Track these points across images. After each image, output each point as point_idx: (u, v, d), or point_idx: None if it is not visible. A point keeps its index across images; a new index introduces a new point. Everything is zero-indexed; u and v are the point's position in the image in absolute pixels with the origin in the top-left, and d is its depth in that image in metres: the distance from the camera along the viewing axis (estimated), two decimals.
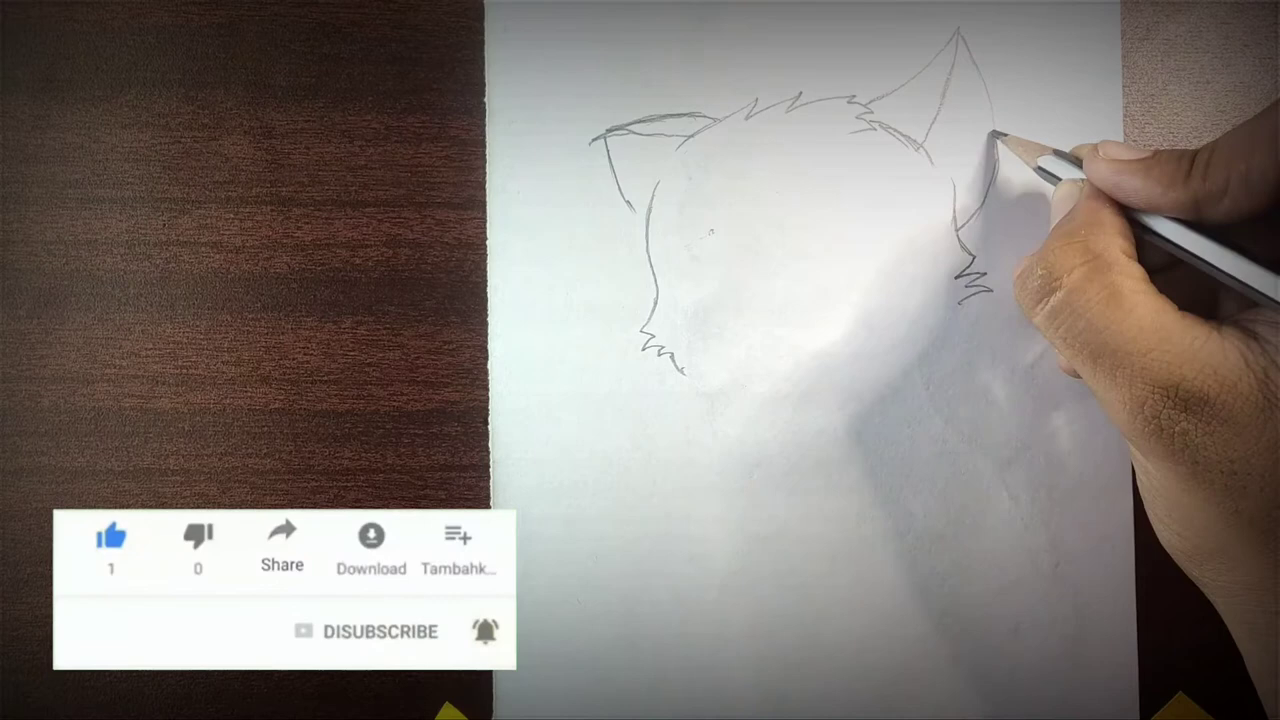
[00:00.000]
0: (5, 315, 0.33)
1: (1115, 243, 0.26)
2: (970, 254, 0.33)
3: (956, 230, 0.33)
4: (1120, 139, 0.33)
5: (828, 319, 0.33)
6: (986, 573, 0.33)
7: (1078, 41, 0.33)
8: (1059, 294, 0.26)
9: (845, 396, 0.33)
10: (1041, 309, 0.26)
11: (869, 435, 0.33)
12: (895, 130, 0.33)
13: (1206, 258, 0.25)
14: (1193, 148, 0.26)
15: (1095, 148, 0.27)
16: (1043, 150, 0.30)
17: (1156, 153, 0.26)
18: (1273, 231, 0.24)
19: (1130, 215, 0.27)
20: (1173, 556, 0.27)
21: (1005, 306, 0.33)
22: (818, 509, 0.33)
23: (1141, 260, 0.26)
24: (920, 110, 0.33)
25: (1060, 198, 0.29)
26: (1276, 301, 0.24)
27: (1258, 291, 0.24)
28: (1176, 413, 0.23)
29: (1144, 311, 0.24)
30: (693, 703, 0.33)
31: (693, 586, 0.33)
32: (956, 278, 0.33)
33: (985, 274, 0.33)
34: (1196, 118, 0.34)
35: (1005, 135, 0.32)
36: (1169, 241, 0.26)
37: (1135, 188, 0.26)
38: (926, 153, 0.33)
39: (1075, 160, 0.29)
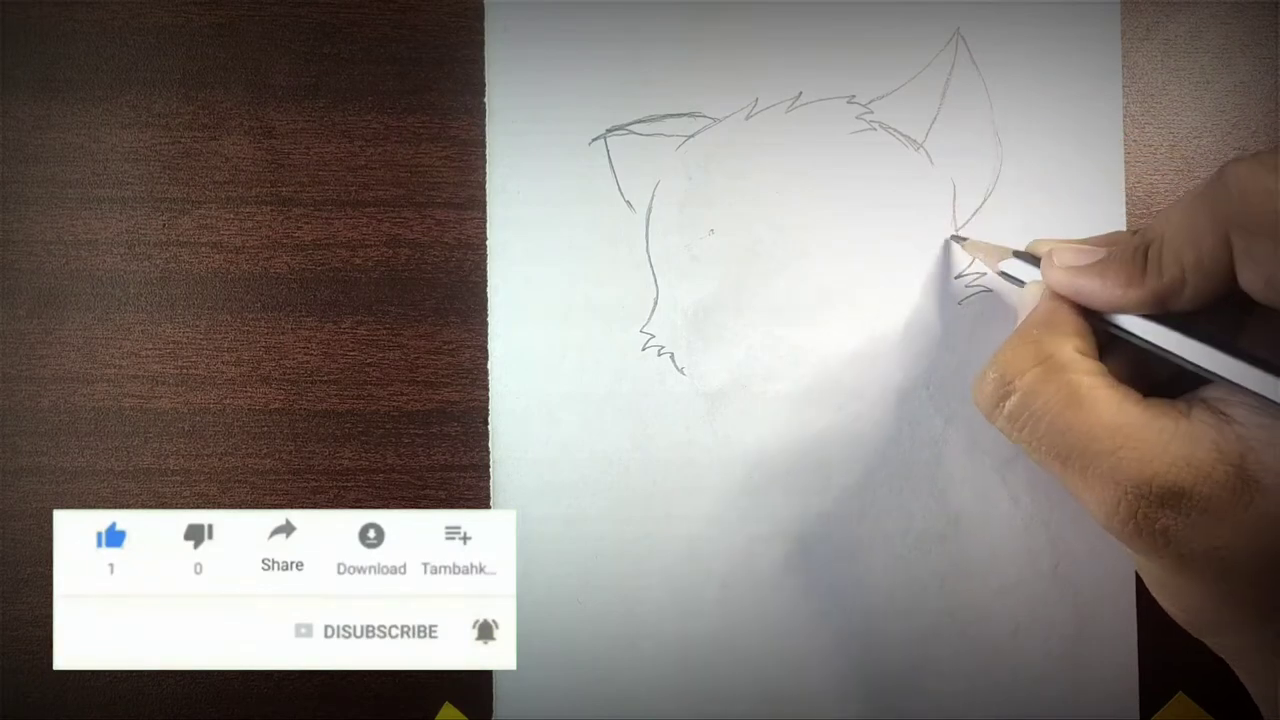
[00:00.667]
0: (5, 315, 0.33)
1: (1070, 342, 0.25)
2: (971, 254, 0.33)
3: (957, 230, 0.33)
4: (1120, 139, 0.33)
5: (828, 319, 0.33)
6: (986, 573, 0.33)
7: (1078, 41, 0.33)
8: (1014, 397, 0.25)
9: (845, 396, 0.33)
10: (999, 413, 0.26)
11: (869, 435, 0.33)
12: (895, 130, 0.33)
13: (1176, 351, 0.24)
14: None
15: (1050, 252, 0.27)
16: (1003, 254, 0.30)
17: (1109, 252, 0.25)
18: (1239, 311, 0.24)
19: (1094, 315, 0.26)
20: (1177, 622, 0.26)
21: (1005, 307, 0.33)
22: (818, 509, 0.33)
23: (1110, 349, 0.26)
24: (920, 110, 0.33)
25: (1025, 302, 0.28)
26: (1247, 390, 0.23)
27: (1229, 381, 0.23)
28: (1154, 509, 0.23)
29: (1105, 408, 0.24)
30: (693, 703, 0.33)
31: (693, 586, 0.33)
32: (956, 278, 0.33)
33: (985, 274, 0.33)
34: (1196, 118, 0.34)
35: (965, 240, 0.32)
36: (1137, 337, 0.25)
37: (1094, 291, 0.25)
38: (926, 153, 0.33)
39: (1036, 260, 0.28)
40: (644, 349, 0.33)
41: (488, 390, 0.33)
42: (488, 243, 0.33)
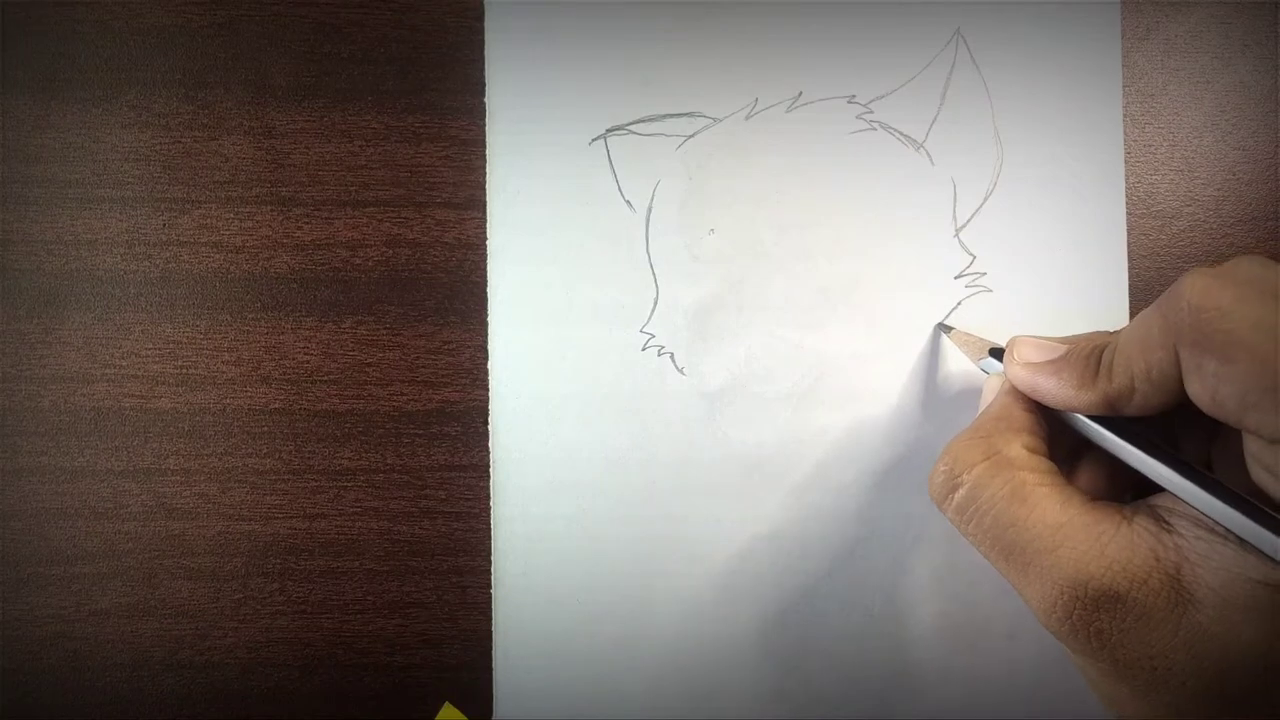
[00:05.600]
0: (5, 315, 0.33)
1: (1019, 439, 0.26)
2: (970, 254, 0.33)
3: (957, 230, 0.33)
4: (1120, 139, 0.33)
5: (828, 319, 0.33)
6: (985, 574, 0.33)
7: (1078, 41, 0.33)
8: (962, 490, 0.26)
9: (845, 396, 0.33)
10: (949, 504, 0.26)
11: (869, 435, 0.33)
12: (895, 130, 0.33)
13: (1120, 456, 0.25)
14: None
15: (1011, 345, 0.27)
16: (983, 350, 0.30)
17: (1068, 351, 0.26)
18: (1190, 421, 0.24)
19: (1051, 411, 0.27)
20: None
21: (1005, 307, 0.33)
22: (817, 509, 0.33)
23: (1062, 446, 0.27)
24: (920, 110, 0.33)
25: (988, 391, 0.29)
26: (1190, 504, 0.23)
27: (1172, 491, 0.23)
28: (1089, 611, 0.23)
29: (1047, 506, 0.24)
30: (693, 703, 0.33)
31: (693, 586, 0.33)
32: (956, 278, 0.33)
33: (985, 274, 0.33)
34: (1196, 118, 0.34)
35: (951, 329, 0.32)
36: (1089, 436, 0.26)
37: (1049, 389, 0.26)
38: (927, 153, 0.33)
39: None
40: (644, 349, 0.33)
41: (488, 390, 0.33)
42: (488, 243, 0.33)
